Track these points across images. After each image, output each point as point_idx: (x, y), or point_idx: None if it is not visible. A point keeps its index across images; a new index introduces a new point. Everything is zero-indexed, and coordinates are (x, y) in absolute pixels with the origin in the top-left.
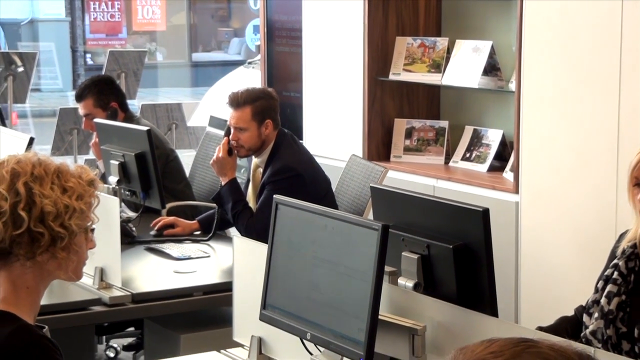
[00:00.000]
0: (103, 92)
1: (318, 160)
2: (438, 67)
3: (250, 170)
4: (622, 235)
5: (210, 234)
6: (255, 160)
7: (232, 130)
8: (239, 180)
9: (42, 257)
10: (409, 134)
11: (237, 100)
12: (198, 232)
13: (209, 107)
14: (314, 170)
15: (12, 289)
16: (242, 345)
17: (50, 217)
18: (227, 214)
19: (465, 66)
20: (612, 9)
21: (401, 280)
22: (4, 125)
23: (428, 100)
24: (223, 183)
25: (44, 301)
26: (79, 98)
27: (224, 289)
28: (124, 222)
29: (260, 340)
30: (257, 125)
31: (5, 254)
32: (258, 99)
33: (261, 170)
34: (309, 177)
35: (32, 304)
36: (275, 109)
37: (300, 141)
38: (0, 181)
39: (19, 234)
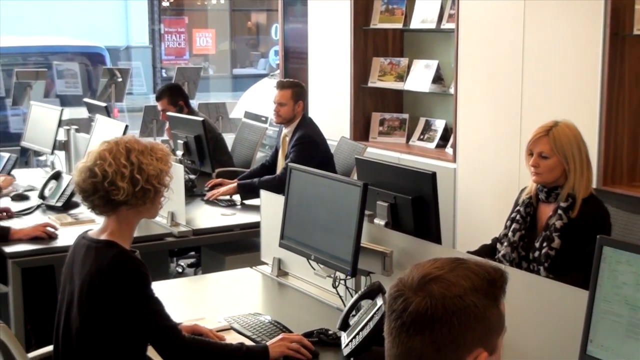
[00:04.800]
0: (174, 94)
1: None
2: (401, 77)
3: (280, 139)
4: (522, 190)
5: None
6: (284, 130)
7: (275, 105)
8: (268, 150)
9: (145, 204)
10: (381, 122)
11: (283, 84)
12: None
13: (244, 105)
14: (324, 142)
15: (117, 226)
16: (267, 264)
17: (153, 178)
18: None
19: (419, 77)
20: (515, 41)
21: (376, 220)
22: (109, 116)
23: (395, 100)
24: None
25: (135, 234)
26: (158, 98)
27: (255, 225)
28: (187, 182)
29: (279, 260)
30: (293, 103)
31: (118, 204)
32: (297, 86)
33: (288, 139)
34: (322, 145)
35: (129, 236)
36: (305, 96)
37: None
38: (120, 155)
39: (136, 190)
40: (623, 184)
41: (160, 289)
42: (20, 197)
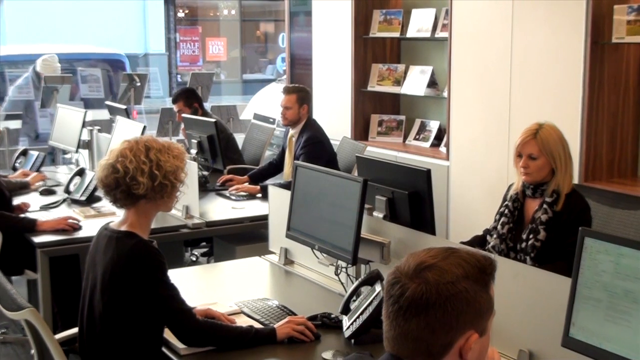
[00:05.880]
0: (189, 97)
1: None
2: (398, 82)
3: (287, 139)
4: (509, 186)
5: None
6: (291, 132)
7: (281, 109)
8: (275, 149)
9: (162, 198)
10: (380, 123)
11: (288, 89)
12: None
13: (253, 107)
14: (328, 141)
15: (137, 218)
16: (274, 253)
17: (170, 174)
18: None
19: (415, 82)
20: (504, 48)
21: (375, 213)
22: (128, 118)
23: (392, 103)
24: None
25: (152, 226)
26: (174, 101)
27: (263, 218)
28: (200, 178)
29: (286, 250)
30: (298, 107)
31: (138, 198)
32: (301, 91)
33: (294, 139)
34: (327, 145)
35: (147, 227)
36: (309, 100)
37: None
38: (140, 152)
39: (155, 185)
40: (602, 180)
41: (176, 276)
42: (48, 192)
